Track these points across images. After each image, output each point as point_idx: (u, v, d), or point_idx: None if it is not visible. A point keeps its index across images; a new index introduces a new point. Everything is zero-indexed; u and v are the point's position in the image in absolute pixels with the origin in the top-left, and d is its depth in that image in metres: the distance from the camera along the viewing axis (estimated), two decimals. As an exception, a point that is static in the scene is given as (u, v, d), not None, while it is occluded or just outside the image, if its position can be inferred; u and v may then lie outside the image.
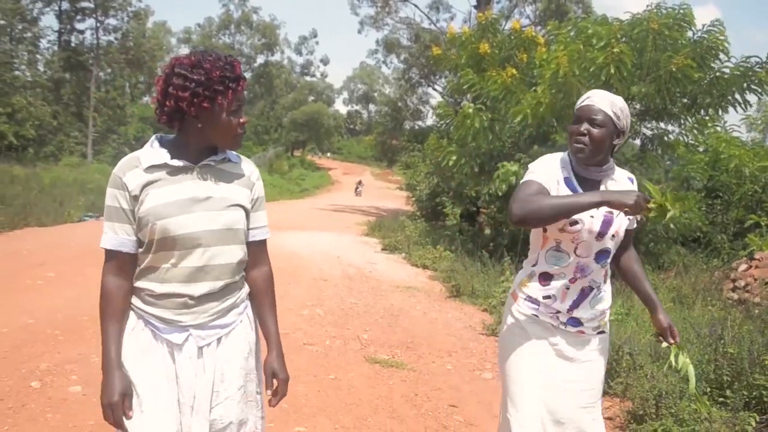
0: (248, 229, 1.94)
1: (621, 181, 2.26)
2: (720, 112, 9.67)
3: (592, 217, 2.14)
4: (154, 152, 1.80)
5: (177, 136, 1.85)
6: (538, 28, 25.54)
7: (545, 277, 2.24)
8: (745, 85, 9.03)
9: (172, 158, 1.80)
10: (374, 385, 4.42)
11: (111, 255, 1.81)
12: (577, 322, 2.22)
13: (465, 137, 10.30)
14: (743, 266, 8.23)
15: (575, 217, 2.10)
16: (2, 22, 32.08)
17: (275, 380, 1.96)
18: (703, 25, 9.35)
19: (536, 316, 2.24)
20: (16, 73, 32.52)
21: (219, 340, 1.88)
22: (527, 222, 2.07)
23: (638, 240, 9.28)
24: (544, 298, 2.23)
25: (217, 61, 1.75)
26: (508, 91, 10.05)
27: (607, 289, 2.30)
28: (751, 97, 9.32)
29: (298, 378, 4.37)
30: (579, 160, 2.19)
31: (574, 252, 2.17)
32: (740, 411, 3.46)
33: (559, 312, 2.21)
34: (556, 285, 2.21)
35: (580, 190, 2.16)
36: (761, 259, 8.19)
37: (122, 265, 1.82)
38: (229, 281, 1.89)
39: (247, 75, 63.66)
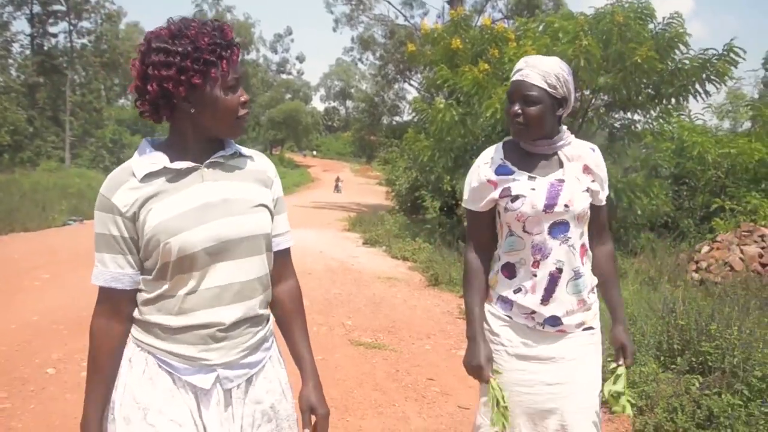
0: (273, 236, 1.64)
1: (581, 150, 2.04)
2: (682, 102, 10.14)
3: (533, 189, 1.96)
4: (148, 158, 1.48)
5: (171, 134, 1.54)
6: (511, 22, 25.98)
7: (508, 269, 2.05)
8: (704, 75, 9.50)
9: (172, 161, 1.48)
10: (359, 363, 4.79)
11: (103, 294, 1.50)
12: (555, 320, 1.98)
13: (440, 132, 10.64)
14: (705, 248, 8.69)
15: (515, 192, 1.96)
16: (-27, 27, 31.87)
17: (314, 416, 1.66)
18: (663, 18, 9.83)
19: (510, 317, 2.04)
20: (-11, 78, 32.37)
21: (249, 380, 1.57)
22: None
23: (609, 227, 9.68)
24: (515, 292, 2.01)
25: (203, 27, 1.44)
26: (479, 85, 10.38)
27: (585, 275, 2.02)
28: (711, 87, 9.82)
29: (288, 360, 4.70)
30: (521, 140, 2.02)
31: (524, 230, 1.98)
32: (685, 374, 3.85)
33: (534, 312, 1.98)
34: (521, 276, 2.01)
35: (516, 171, 1.99)
36: (722, 241, 8.65)
37: (116, 306, 1.50)
38: (263, 298, 1.60)
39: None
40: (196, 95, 1.44)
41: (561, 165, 2.01)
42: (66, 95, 38.87)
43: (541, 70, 1.92)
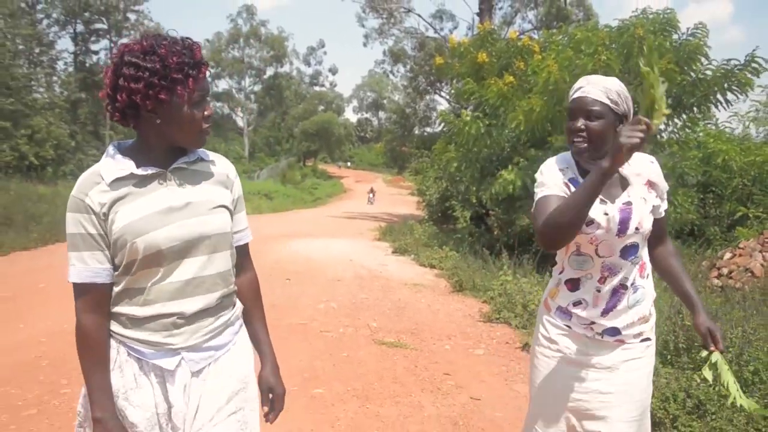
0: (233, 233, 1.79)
1: (641, 165, 2.06)
2: (704, 111, 10.27)
3: (606, 214, 1.98)
4: (115, 163, 1.60)
5: (137, 139, 1.67)
6: (541, 32, 26.16)
7: (572, 283, 2.10)
8: (726, 85, 9.64)
9: (138, 167, 1.60)
10: (381, 360, 5.14)
11: (84, 289, 1.62)
12: (615, 331, 2.04)
13: (466, 143, 10.93)
14: (728, 255, 8.81)
15: (590, 216, 1.95)
16: (21, 46, 33.12)
17: (272, 395, 1.87)
18: (688, 28, 9.98)
19: (569, 327, 2.10)
20: (35, 95, 33.55)
21: (215, 362, 1.71)
22: (559, 243, 1.98)
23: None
24: (575, 305, 2.08)
25: (174, 45, 1.56)
26: (504, 98, 10.67)
27: (646, 288, 2.08)
28: (739, 95, 9.91)
29: (316, 356, 5.10)
30: (582, 158, 2.06)
31: (596, 253, 2.03)
32: (687, 371, 4.09)
33: (593, 323, 2.04)
34: (585, 289, 2.07)
35: None
36: (744, 248, 8.77)
37: (99, 300, 1.63)
38: (225, 292, 1.73)
39: (257, 87, 65.08)
40: (162, 109, 1.56)
41: (624, 186, 2.04)
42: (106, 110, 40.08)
43: (603, 86, 1.98)
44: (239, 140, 64.01)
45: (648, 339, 2.09)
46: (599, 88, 1.97)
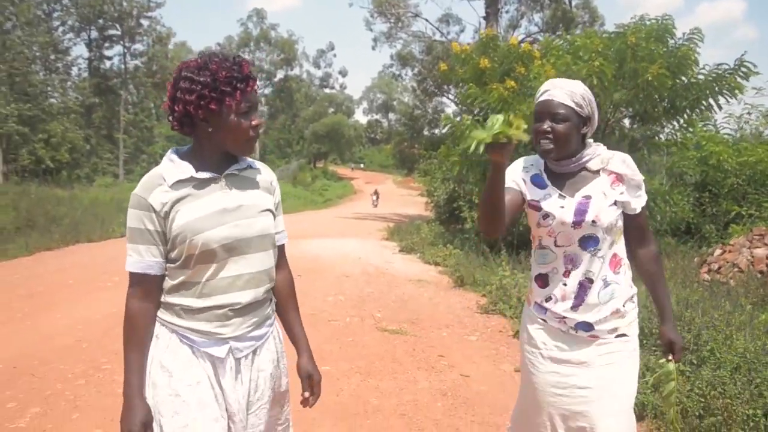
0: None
1: (610, 162, 2.13)
2: (697, 114, 10.69)
3: (562, 207, 2.09)
4: (176, 167, 1.78)
5: (193, 146, 1.83)
6: (547, 33, 26.52)
7: (541, 279, 2.18)
8: (717, 89, 10.05)
9: (196, 171, 1.78)
10: (382, 344, 5.69)
11: (137, 279, 1.78)
12: (587, 326, 2.09)
13: (468, 147, 11.35)
14: (718, 251, 9.24)
15: (546, 210, 2.10)
16: (38, 54, 33.93)
17: (310, 381, 2.03)
18: (684, 33, 10.36)
19: (545, 320, 2.18)
20: (51, 101, 34.31)
21: (254, 351, 1.88)
22: (487, 230, 2.08)
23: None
24: (546, 300, 2.15)
25: (224, 62, 1.73)
26: (505, 102, 11.10)
27: (619, 284, 2.11)
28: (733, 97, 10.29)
29: (325, 341, 5.63)
30: (548, 159, 2.14)
31: (555, 244, 2.13)
32: (657, 352, 4.56)
33: (564, 317, 2.11)
34: (553, 284, 2.14)
35: (548, 186, 2.15)
36: (734, 245, 9.19)
37: (149, 289, 1.79)
38: (268, 287, 1.91)
39: (268, 90, 65.61)
40: (213, 118, 1.73)
41: (588, 180, 2.11)
42: (120, 114, 40.93)
43: (567, 90, 2.07)
44: (250, 143, 64.37)
45: (624, 335, 2.12)
46: (565, 92, 2.07)
